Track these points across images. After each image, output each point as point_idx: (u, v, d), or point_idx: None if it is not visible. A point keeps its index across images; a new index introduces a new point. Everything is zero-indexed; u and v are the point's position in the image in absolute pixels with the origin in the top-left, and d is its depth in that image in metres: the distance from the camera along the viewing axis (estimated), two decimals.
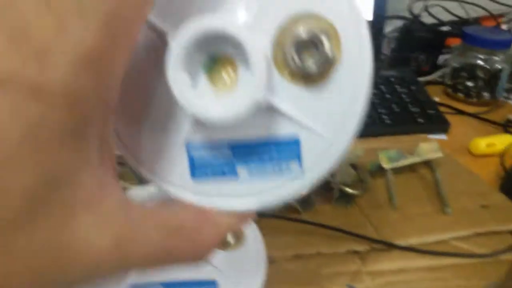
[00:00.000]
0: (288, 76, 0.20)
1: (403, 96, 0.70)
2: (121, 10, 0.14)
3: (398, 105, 0.68)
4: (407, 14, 0.87)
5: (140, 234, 0.17)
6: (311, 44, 0.19)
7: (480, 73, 0.74)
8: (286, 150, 0.21)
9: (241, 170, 0.21)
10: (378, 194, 0.53)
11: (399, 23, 0.85)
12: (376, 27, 0.75)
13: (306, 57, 0.19)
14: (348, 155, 0.54)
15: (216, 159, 0.21)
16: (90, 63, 0.14)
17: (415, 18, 0.86)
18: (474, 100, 0.76)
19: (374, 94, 0.69)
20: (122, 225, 0.17)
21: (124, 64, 0.16)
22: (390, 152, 0.55)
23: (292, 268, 0.44)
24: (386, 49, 0.84)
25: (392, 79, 0.73)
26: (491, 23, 0.91)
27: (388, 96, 0.69)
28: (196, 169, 0.21)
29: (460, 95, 0.76)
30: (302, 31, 0.19)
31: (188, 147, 0.21)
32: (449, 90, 0.78)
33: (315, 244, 0.46)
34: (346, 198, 0.51)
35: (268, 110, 0.20)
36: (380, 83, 0.72)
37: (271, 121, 0.21)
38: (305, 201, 0.50)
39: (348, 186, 0.51)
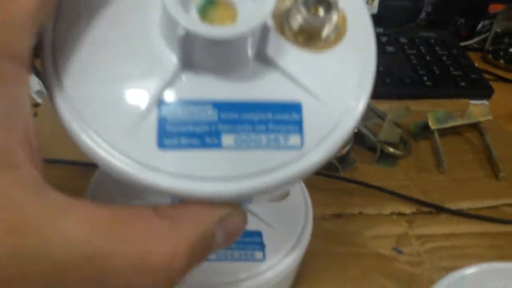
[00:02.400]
0: (291, 37, 0.18)
1: (444, 58, 0.65)
2: None
3: (439, 68, 0.63)
4: None
5: (52, 226, 0.13)
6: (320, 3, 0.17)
7: None
8: (287, 120, 0.17)
9: (228, 139, 0.16)
10: (423, 156, 0.49)
11: None
12: None
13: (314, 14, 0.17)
14: (393, 114, 0.50)
15: (195, 123, 0.16)
16: None
17: None
18: None
19: (413, 55, 0.65)
20: (22, 209, 0.13)
21: None
22: (438, 113, 0.51)
23: (332, 227, 0.41)
24: (424, 10, 0.79)
25: (432, 41, 0.68)
26: None
27: (428, 57, 0.65)
28: (166, 136, 0.16)
29: (501, 61, 0.72)
30: None
31: (159, 105, 0.16)
32: (489, 56, 0.73)
33: (357, 204, 0.43)
34: (389, 159, 0.48)
35: (267, 67, 0.17)
36: (419, 43, 0.67)
37: (270, 81, 0.17)
38: (345, 160, 0.46)
39: (391, 146, 0.48)
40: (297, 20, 0.17)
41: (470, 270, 0.26)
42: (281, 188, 0.17)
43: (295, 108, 0.17)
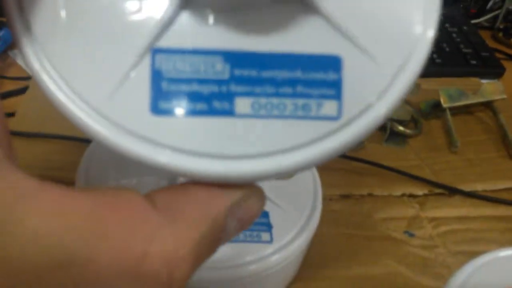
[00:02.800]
0: None
1: (454, 35, 0.63)
2: None
3: (449, 45, 0.61)
4: None
5: (15, 218, 0.10)
6: None
7: None
8: (321, 80, 0.13)
9: (243, 105, 0.13)
10: (435, 135, 0.47)
11: None
12: None
13: None
14: None
15: (200, 81, 0.13)
16: None
17: None
18: None
19: None
20: None
21: None
22: (450, 90, 0.49)
23: (340, 209, 0.38)
24: None
25: (441, 17, 0.66)
26: None
27: (437, 34, 0.62)
28: (162, 98, 0.13)
29: None
30: None
31: (153, 54, 0.13)
32: (500, 35, 0.70)
33: (366, 185, 0.40)
34: (399, 138, 0.45)
35: (296, 5, 0.13)
36: None
37: (300, 25, 0.13)
38: None
39: (402, 124, 0.45)
40: None
41: (503, 253, 0.24)
42: (305, 169, 0.14)
43: (333, 63, 0.13)
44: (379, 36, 0.14)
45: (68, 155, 0.36)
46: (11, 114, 0.41)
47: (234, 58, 0.13)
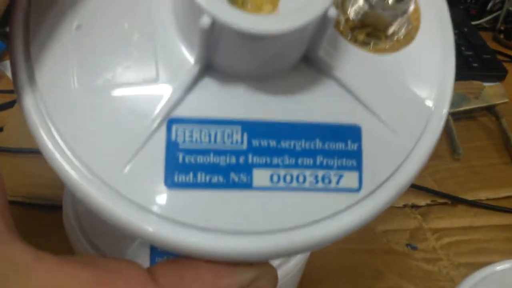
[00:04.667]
0: (348, 33, 0.14)
1: (455, 38, 0.61)
2: None
3: None
4: None
5: None
6: None
7: None
8: (341, 151, 0.13)
9: (261, 177, 0.12)
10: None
11: None
12: None
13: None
14: None
15: (217, 152, 0.12)
16: None
17: None
18: None
19: None
20: None
21: None
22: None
23: None
24: None
25: None
26: None
27: None
28: (177, 170, 0.12)
29: None
30: None
31: (169, 124, 0.12)
32: (501, 36, 0.69)
33: None
34: None
35: (316, 75, 0.13)
36: None
37: (320, 94, 0.13)
38: None
39: None
40: (360, 8, 0.13)
41: (500, 266, 0.23)
42: (325, 245, 0.13)
43: (353, 133, 0.13)
44: (397, 106, 0.13)
45: None
46: None
47: (252, 128, 0.12)
